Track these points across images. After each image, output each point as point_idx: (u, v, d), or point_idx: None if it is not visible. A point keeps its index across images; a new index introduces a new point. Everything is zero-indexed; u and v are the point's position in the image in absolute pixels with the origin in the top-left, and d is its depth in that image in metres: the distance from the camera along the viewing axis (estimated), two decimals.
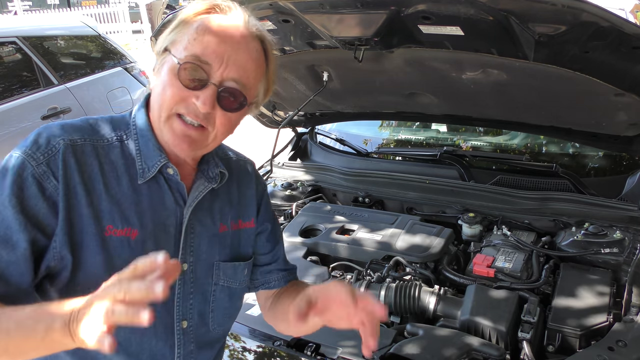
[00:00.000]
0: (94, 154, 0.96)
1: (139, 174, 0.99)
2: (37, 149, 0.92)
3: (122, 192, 0.97)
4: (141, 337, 1.00)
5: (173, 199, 1.03)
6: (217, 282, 1.10)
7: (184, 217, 1.04)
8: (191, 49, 0.94)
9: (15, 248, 0.88)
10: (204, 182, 1.07)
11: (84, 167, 0.94)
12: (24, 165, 0.90)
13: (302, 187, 2.52)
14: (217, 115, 0.96)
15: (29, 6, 16.54)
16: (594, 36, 1.42)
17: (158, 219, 1.01)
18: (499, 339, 1.50)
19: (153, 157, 1.00)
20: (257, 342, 1.56)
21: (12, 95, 3.92)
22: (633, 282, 1.58)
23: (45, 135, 0.94)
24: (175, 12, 1.80)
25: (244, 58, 0.97)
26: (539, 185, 2.33)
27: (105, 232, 0.94)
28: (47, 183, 0.90)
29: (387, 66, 2.05)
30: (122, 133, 1.02)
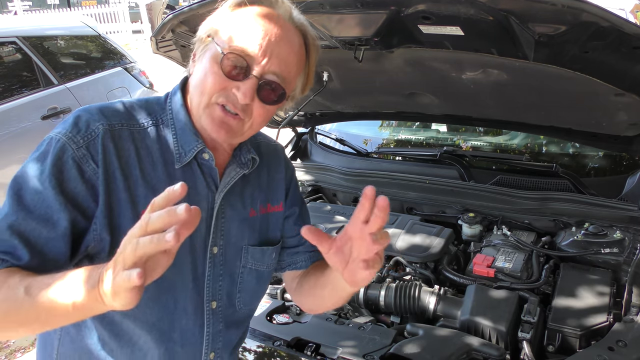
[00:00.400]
0: (130, 138, 0.97)
1: (175, 158, 1.01)
2: (77, 132, 0.92)
3: (157, 178, 0.98)
4: (172, 316, 1.04)
5: (205, 184, 1.04)
6: (245, 265, 1.12)
7: (215, 202, 1.05)
8: (236, 39, 0.95)
9: (55, 226, 0.90)
10: (236, 168, 1.08)
11: (121, 152, 0.95)
12: (64, 148, 0.91)
13: (302, 187, 2.52)
14: (254, 106, 0.98)
15: (29, 6, 16.54)
16: (594, 36, 1.42)
17: (190, 203, 1.00)
18: (499, 339, 1.50)
19: (190, 142, 1.01)
20: (257, 342, 1.56)
21: (12, 95, 3.92)
22: (633, 282, 1.58)
23: (84, 118, 0.94)
24: (176, 12, 1.80)
25: (286, 52, 0.98)
26: (539, 185, 2.33)
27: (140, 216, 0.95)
28: (87, 166, 0.91)
29: (387, 66, 2.05)
30: (158, 117, 1.03)
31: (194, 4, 1.72)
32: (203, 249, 1.05)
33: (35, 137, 3.92)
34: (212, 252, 1.06)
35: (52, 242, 0.90)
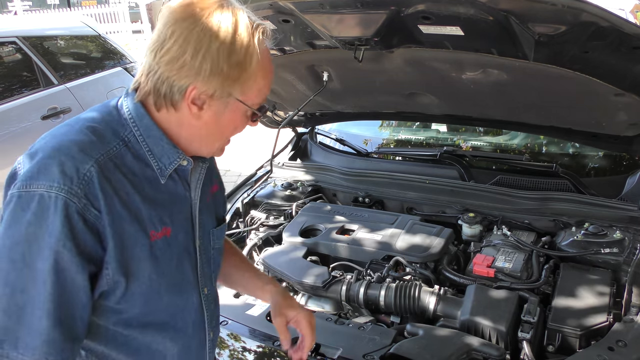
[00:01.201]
0: (115, 167, 0.92)
1: (157, 173, 0.99)
2: (70, 182, 0.85)
3: (150, 195, 0.98)
4: (183, 313, 1.08)
5: (183, 187, 1.06)
6: (213, 246, 1.16)
7: (193, 201, 1.08)
8: (262, 94, 1.00)
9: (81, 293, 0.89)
10: (199, 163, 1.10)
11: (116, 185, 0.91)
12: (66, 203, 0.84)
13: (302, 187, 2.52)
14: None
15: (29, 6, 16.53)
16: (594, 36, 1.42)
17: (178, 209, 1.05)
18: (499, 339, 1.50)
19: (169, 154, 1.00)
20: (257, 342, 1.56)
21: (12, 95, 3.91)
22: (633, 282, 1.58)
23: (70, 164, 0.86)
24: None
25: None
26: (539, 185, 2.33)
27: (150, 238, 0.96)
28: (89, 214, 0.87)
29: (387, 66, 2.05)
30: (122, 135, 0.96)
31: None
32: (192, 245, 1.09)
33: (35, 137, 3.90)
34: (198, 245, 1.10)
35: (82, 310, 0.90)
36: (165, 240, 0.99)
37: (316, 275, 1.81)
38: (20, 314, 0.83)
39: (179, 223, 1.04)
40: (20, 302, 0.83)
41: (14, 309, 0.83)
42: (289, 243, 2.04)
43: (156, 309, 1.02)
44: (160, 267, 0.98)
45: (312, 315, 1.29)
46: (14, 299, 0.83)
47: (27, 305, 0.84)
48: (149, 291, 0.98)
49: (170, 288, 1.02)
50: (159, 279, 0.98)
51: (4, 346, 0.83)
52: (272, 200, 2.42)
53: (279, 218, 2.34)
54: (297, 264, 1.88)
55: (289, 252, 1.97)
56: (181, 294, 1.07)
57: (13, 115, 3.81)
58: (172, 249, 1.01)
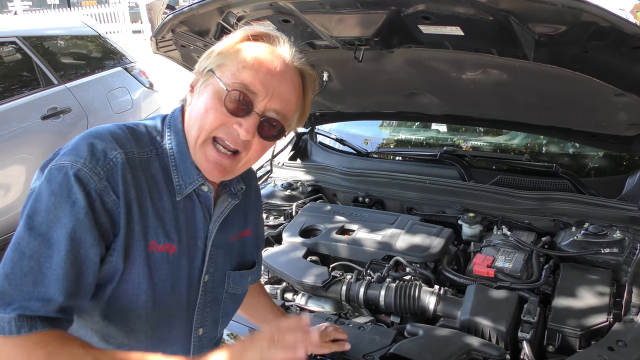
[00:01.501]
0: (141, 167, 0.96)
1: (176, 190, 1.00)
2: (96, 162, 0.89)
3: (163, 208, 0.98)
4: (166, 344, 1.04)
5: (202, 214, 1.05)
6: (227, 289, 1.14)
7: (209, 232, 1.06)
8: (240, 76, 0.95)
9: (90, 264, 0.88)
10: (228, 198, 1.10)
11: (136, 182, 0.94)
12: (86, 180, 0.87)
13: (302, 187, 2.52)
14: (254, 142, 0.99)
15: (29, 6, 16.53)
16: (594, 36, 1.42)
17: (190, 233, 1.03)
18: (499, 339, 1.50)
19: (191, 174, 1.01)
20: None
21: (12, 95, 3.91)
22: (633, 282, 1.58)
23: (100, 147, 0.91)
24: (176, 12, 1.80)
25: (287, 90, 1.00)
26: (539, 185, 2.33)
27: (149, 247, 0.95)
28: (108, 197, 0.89)
29: (387, 66, 2.05)
30: (158, 145, 1.01)
31: (194, 4, 1.72)
32: (197, 278, 1.06)
33: (35, 137, 3.92)
34: (204, 280, 1.07)
35: (86, 281, 0.89)
36: (166, 256, 0.98)
37: (316, 275, 1.81)
38: (21, 281, 0.83)
39: (186, 247, 1.02)
40: (26, 269, 0.84)
41: (17, 273, 0.83)
42: (289, 243, 2.04)
43: (137, 322, 0.97)
44: (152, 279, 0.95)
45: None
46: (20, 264, 0.84)
47: (32, 271, 0.84)
48: (134, 297, 0.95)
49: (159, 309, 0.98)
50: (148, 290, 0.96)
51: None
52: (272, 200, 2.42)
53: (279, 218, 2.34)
54: (297, 264, 1.88)
55: (289, 252, 1.97)
56: (169, 323, 1.02)
57: (13, 115, 3.81)
58: (171, 268, 0.99)
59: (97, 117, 4.38)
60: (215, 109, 0.96)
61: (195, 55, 2.17)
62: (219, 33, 1.88)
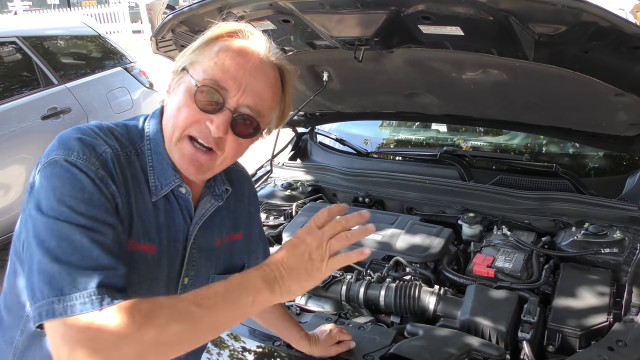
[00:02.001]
0: (126, 165, 0.95)
1: (151, 190, 0.99)
2: (89, 154, 0.89)
3: (145, 207, 0.97)
4: None
5: (182, 216, 1.04)
6: None
7: (189, 234, 1.05)
8: (210, 72, 0.94)
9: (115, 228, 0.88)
10: (210, 200, 1.08)
11: (123, 178, 0.93)
12: (85, 168, 0.87)
13: (302, 187, 2.52)
14: (228, 139, 0.97)
15: (29, 6, 16.53)
16: (594, 36, 1.42)
17: (170, 235, 1.02)
18: (499, 339, 1.50)
19: (167, 175, 1.00)
20: (257, 342, 1.56)
21: (12, 95, 3.91)
22: (633, 282, 1.58)
23: (87, 141, 0.90)
24: (176, 12, 1.80)
25: (261, 86, 0.97)
26: (539, 185, 2.33)
27: (129, 246, 0.94)
28: (108, 185, 0.89)
29: (387, 66, 2.05)
30: (137, 146, 1.00)
31: (194, 4, 1.72)
32: (175, 280, 1.05)
33: (35, 137, 3.92)
34: (183, 283, 1.06)
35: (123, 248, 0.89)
36: (145, 256, 0.97)
37: None
38: (69, 260, 0.81)
39: (165, 248, 1.00)
40: (69, 249, 0.82)
41: (62, 256, 0.81)
42: None
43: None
44: (131, 280, 0.92)
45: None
46: (60, 248, 0.82)
47: (74, 251, 0.82)
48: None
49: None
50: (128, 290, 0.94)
51: (64, 290, 0.80)
52: (272, 200, 2.41)
53: (279, 218, 2.33)
54: None
55: None
56: None
57: (13, 115, 3.81)
58: (149, 269, 0.97)
59: (97, 117, 4.38)
60: (187, 106, 0.94)
61: None
62: None
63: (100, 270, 0.82)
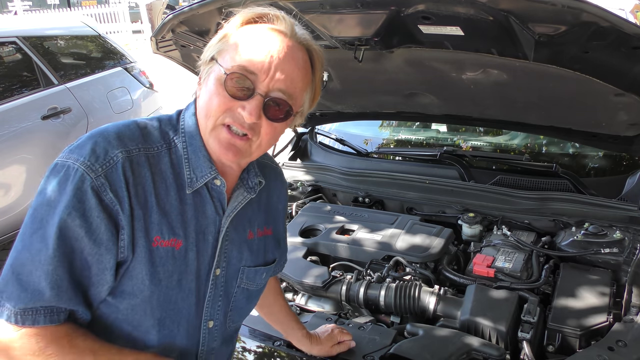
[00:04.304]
0: (147, 164, 0.96)
1: (186, 183, 1.00)
2: (95, 160, 0.90)
3: (170, 203, 0.98)
4: (174, 339, 1.04)
5: (214, 208, 1.04)
6: (239, 284, 1.13)
7: (222, 226, 1.05)
8: (238, 59, 0.94)
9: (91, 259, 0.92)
10: (243, 192, 1.09)
11: (138, 179, 0.94)
12: (83, 177, 0.88)
13: (302, 187, 2.52)
14: (262, 124, 0.97)
15: (29, 6, 16.52)
16: (594, 36, 1.42)
17: (199, 228, 1.02)
18: (499, 339, 1.50)
19: (202, 167, 1.01)
20: (257, 342, 1.56)
21: (12, 95, 3.91)
22: (633, 282, 1.58)
23: (102, 145, 0.92)
24: (176, 12, 1.80)
25: (290, 68, 0.97)
26: (539, 185, 2.33)
27: (152, 243, 0.95)
28: (104, 195, 0.90)
29: (387, 66, 2.05)
30: (171, 139, 1.01)
31: (194, 4, 1.72)
32: (207, 272, 1.05)
33: (35, 137, 3.92)
34: (215, 274, 1.07)
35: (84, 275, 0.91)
36: (171, 251, 0.98)
37: (316, 275, 1.81)
38: (20, 270, 0.88)
39: (194, 242, 1.01)
40: (24, 259, 0.88)
41: (17, 264, 0.88)
42: (288, 243, 2.03)
43: (143, 317, 0.98)
44: (156, 275, 0.96)
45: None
46: (21, 255, 0.88)
47: (28, 263, 0.87)
48: (138, 293, 0.96)
49: (165, 303, 0.99)
50: (152, 286, 0.96)
51: (3, 295, 0.88)
52: None
53: None
54: (297, 264, 1.88)
55: (289, 252, 1.95)
56: (176, 317, 1.02)
57: (13, 115, 3.81)
58: (176, 263, 0.99)
59: (97, 117, 4.38)
60: (218, 94, 0.95)
61: (195, 55, 2.17)
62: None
63: (37, 296, 0.87)
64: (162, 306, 0.99)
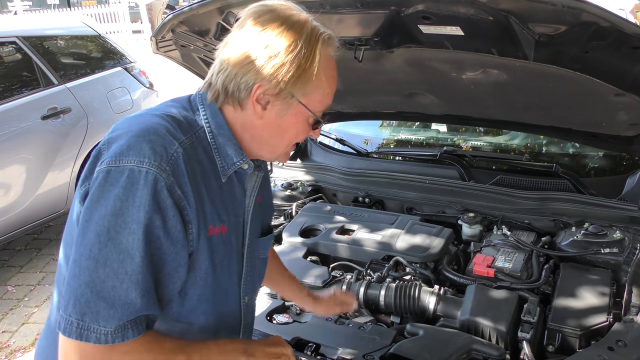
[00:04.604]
0: (193, 155, 0.96)
1: (220, 172, 1.02)
2: (160, 159, 0.88)
3: (213, 191, 1.00)
4: (222, 318, 1.08)
5: (241, 190, 1.09)
6: (259, 255, 1.19)
7: (247, 207, 1.11)
8: (325, 102, 1.03)
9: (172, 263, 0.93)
10: (256, 172, 1.13)
11: (193, 172, 0.94)
12: (156, 178, 0.86)
13: (302, 187, 2.52)
14: None
15: (29, 6, 16.53)
16: (594, 36, 1.42)
17: (234, 211, 1.07)
18: (499, 339, 1.50)
19: (233, 155, 1.03)
20: None
21: (12, 95, 3.91)
22: (633, 282, 1.58)
23: (160, 143, 0.89)
24: (177, 12, 1.81)
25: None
26: (539, 185, 2.33)
27: (208, 232, 0.98)
28: (175, 193, 0.89)
29: (387, 66, 2.05)
30: (196, 130, 1.00)
31: (194, 4, 1.72)
32: (241, 251, 1.10)
33: (35, 137, 3.93)
34: (245, 251, 1.12)
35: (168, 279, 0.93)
36: (221, 237, 1.01)
37: (316, 275, 1.81)
38: (101, 288, 0.83)
39: (233, 225, 1.06)
40: (103, 276, 0.83)
41: (96, 282, 0.83)
42: (289, 243, 2.04)
43: (200, 307, 1.01)
44: (214, 263, 0.99)
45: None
46: (97, 272, 0.83)
47: (109, 279, 0.84)
48: (202, 282, 0.99)
49: (217, 289, 1.03)
50: (211, 272, 0.99)
51: (85, 319, 0.83)
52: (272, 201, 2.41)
53: (279, 218, 2.34)
54: (297, 264, 1.88)
55: (289, 252, 1.97)
56: (224, 297, 1.06)
57: (13, 115, 3.81)
58: (226, 248, 1.03)
59: (97, 117, 4.38)
60: (304, 131, 1.04)
61: (195, 55, 2.17)
62: (219, 33, 1.88)
63: (125, 306, 0.85)
64: (215, 291, 1.02)
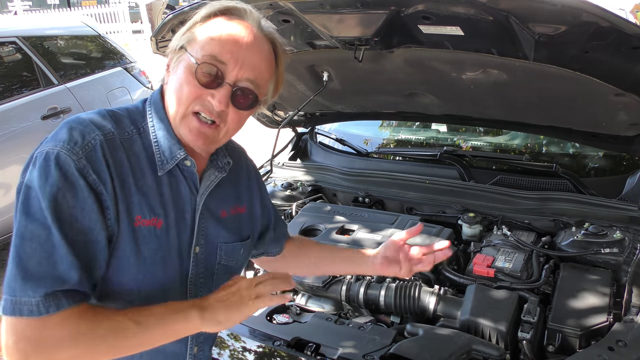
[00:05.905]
0: (121, 147, 0.99)
1: (157, 165, 1.04)
2: (74, 144, 0.92)
3: (147, 184, 1.02)
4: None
5: (188, 188, 1.08)
6: (219, 261, 1.17)
7: (197, 205, 1.10)
8: (208, 48, 0.99)
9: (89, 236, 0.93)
10: (214, 172, 1.14)
11: (116, 161, 0.97)
12: (66, 160, 0.91)
13: (302, 187, 2.52)
14: (229, 112, 1.02)
15: (29, 6, 16.52)
16: (594, 36, 1.42)
17: (177, 207, 1.07)
18: (499, 339, 1.50)
19: (172, 149, 1.04)
20: (257, 342, 1.56)
21: (12, 95, 3.91)
22: (633, 282, 1.58)
23: (78, 130, 0.95)
24: (177, 12, 1.81)
25: (258, 59, 1.02)
26: (539, 185, 2.33)
27: (134, 222, 0.99)
28: (89, 176, 0.92)
29: (387, 66, 2.05)
30: (139, 125, 1.05)
31: (194, 4, 1.72)
32: (187, 250, 1.09)
33: (35, 137, 3.91)
34: (195, 252, 1.10)
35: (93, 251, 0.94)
36: (153, 230, 1.01)
37: (316, 275, 1.81)
38: (27, 262, 0.88)
39: (174, 221, 1.05)
40: (28, 249, 0.88)
41: (22, 256, 0.88)
42: None
43: (131, 296, 1.01)
44: (141, 253, 0.99)
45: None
46: (23, 247, 0.88)
47: (34, 252, 0.88)
48: (125, 271, 0.99)
49: (150, 281, 1.02)
50: (137, 263, 0.99)
51: (16, 293, 0.87)
52: (272, 201, 2.41)
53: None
54: None
55: None
56: (162, 296, 1.05)
57: (13, 115, 3.81)
58: (159, 241, 1.03)
59: None
60: (188, 83, 0.99)
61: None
62: None
63: (53, 278, 0.88)
64: (149, 284, 1.02)
